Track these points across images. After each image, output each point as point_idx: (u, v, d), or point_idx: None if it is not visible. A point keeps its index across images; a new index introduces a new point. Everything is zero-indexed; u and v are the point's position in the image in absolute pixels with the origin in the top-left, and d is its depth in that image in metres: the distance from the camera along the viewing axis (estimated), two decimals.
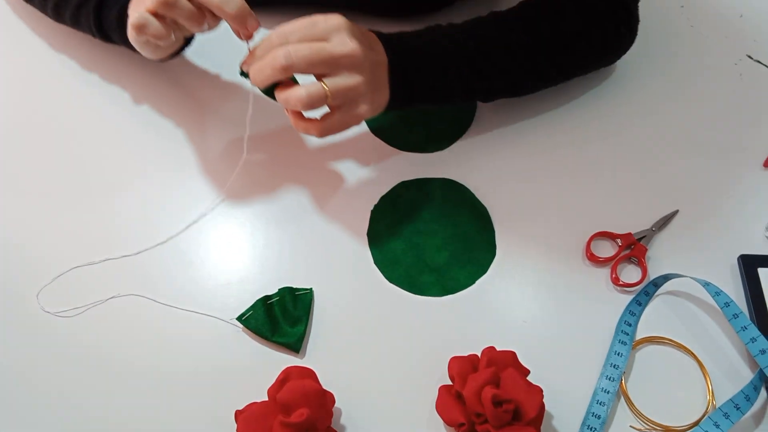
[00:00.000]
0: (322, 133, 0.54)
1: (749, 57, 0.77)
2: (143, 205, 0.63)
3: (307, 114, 0.54)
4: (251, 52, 0.54)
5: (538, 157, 0.68)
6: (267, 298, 0.59)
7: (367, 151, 0.68)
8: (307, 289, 0.59)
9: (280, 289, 0.59)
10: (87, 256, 0.61)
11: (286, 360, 0.55)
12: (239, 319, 0.58)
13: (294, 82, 0.53)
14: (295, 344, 0.57)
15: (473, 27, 0.63)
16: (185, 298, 0.59)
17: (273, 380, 0.52)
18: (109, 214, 0.63)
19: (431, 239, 0.63)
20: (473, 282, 0.61)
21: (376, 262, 0.62)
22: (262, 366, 0.56)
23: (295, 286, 0.60)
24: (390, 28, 0.75)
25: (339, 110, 0.54)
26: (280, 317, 0.58)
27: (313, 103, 0.51)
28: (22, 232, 0.62)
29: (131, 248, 0.61)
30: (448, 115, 0.70)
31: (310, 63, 0.51)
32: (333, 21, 0.53)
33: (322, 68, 0.51)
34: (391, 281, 0.61)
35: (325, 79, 0.52)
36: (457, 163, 0.67)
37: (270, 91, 0.53)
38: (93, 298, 0.59)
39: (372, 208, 0.64)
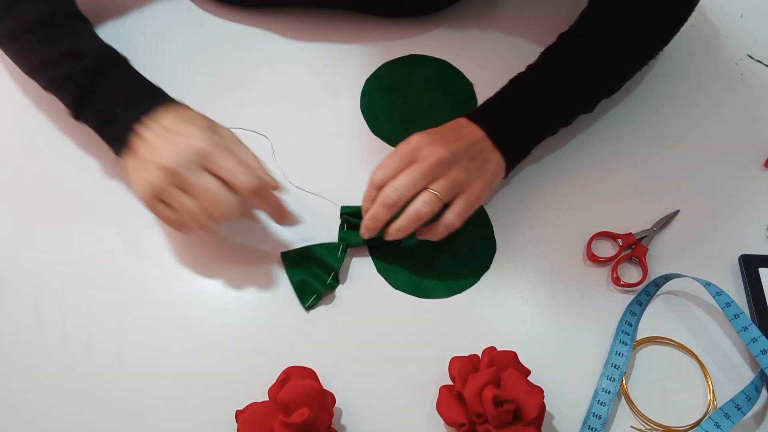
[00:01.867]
0: (456, 222, 0.58)
1: (750, 57, 0.77)
2: None
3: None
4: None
5: (538, 157, 0.68)
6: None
7: (368, 151, 0.68)
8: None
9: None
10: None
11: (286, 360, 0.55)
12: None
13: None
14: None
15: (548, 56, 0.65)
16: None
17: (273, 380, 0.52)
18: None
19: (431, 241, 0.63)
20: (477, 279, 0.61)
21: (379, 270, 0.61)
22: (263, 366, 0.56)
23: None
24: (391, 29, 0.75)
25: (457, 198, 0.58)
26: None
27: (435, 209, 0.56)
28: None
29: None
30: (448, 115, 0.70)
31: (413, 185, 0.56)
32: (413, 141, 0.58)
33: (424, 182, 0.56)
34: (395, 287, 0.61)
35: (430, 186, 0.56)
36: None
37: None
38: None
39: None
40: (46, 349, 0.57)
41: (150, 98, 0.58)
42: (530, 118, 0.62)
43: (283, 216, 0.58)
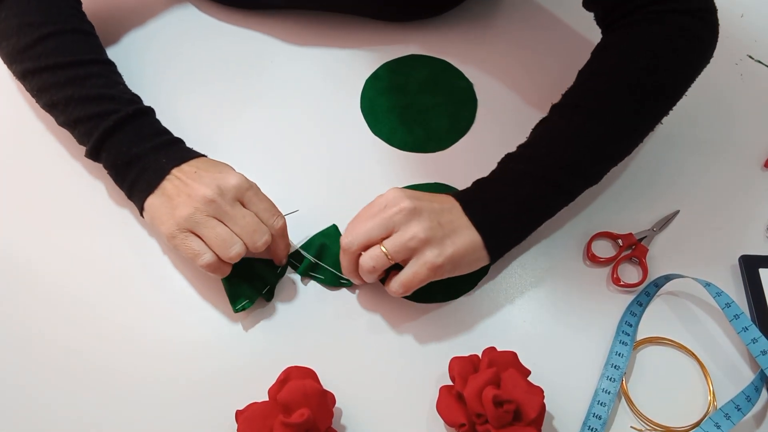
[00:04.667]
0: (399, 292, 0.54)
1: (750, 57, 0.77)
2: None
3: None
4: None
5: None
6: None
7: (368, 151, 0.68)
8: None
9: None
10: None
11: (286, 360, 0.55)
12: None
13: None
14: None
15: (537, 134, 0.60)
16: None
17: (273, 380, 0.52)
18: None
19: None
20: (474, 284, 0.61)
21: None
22: (263, 366, 0.56)
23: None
24: (391, 30, 0.75)
25: (409, 264, 0.54)
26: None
27: (377, 266, 0.54)
28: None
29: None
30: (448, 115, 0.70)
31: (367, 234, 0.54)
32: (385, 194, 0.56)
33: (379, 232, 0.54)
34: None
35: (384, 241, 0.54)
36: (456, 163, 0.67)
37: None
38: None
39: None
40: (46, 350, 0.57)
41: (180, 151, 0.59)
42: (517, 205, 0.57)
43: (280, 257, 0.59)
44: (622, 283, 0.61)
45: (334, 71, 0.73)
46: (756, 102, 0.73)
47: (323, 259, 0.60)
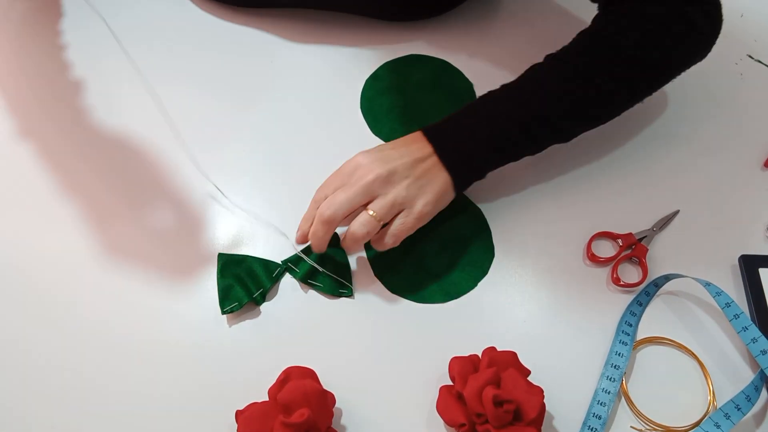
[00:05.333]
0: (390, 242, 0.57)
1: (750, 57, 0.77)
2: None
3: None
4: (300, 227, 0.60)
5: (538, 157, 0.68)
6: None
7: None
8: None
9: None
10: None
11: (286, 360, 0.55)
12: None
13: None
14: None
15: (525, 77, 0.61)
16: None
17: (273, 380, 0.52)
18: None
19: (429, 245, 0.63)
20: (474, 285, 0.61)
21: (377, 275, 0.61)
22: (263, 366, 0.56)
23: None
24: (391, 30, 0.75)
25: (397, 218, 0.57)
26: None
27: (370, 231, 0.56)
28: None
29: None
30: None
31: (347, 202, 0.56)
32: (355, 159, 0.58)
33: (361, 200, 0.56)
34: (394, 292, 0.61)
35: (369, 206, 0.56)
36: None
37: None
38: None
39: None
40: (45, 350, 0.57)
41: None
42: (487, 142, 0.59)
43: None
44: (622, 282, 0.61)
45: (334, 71, 0.73)
46: (756, 102, 0.73)
47: (323, 266, 0.60)
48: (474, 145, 0.59)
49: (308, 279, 0.60)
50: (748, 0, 0.80)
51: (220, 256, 0.60)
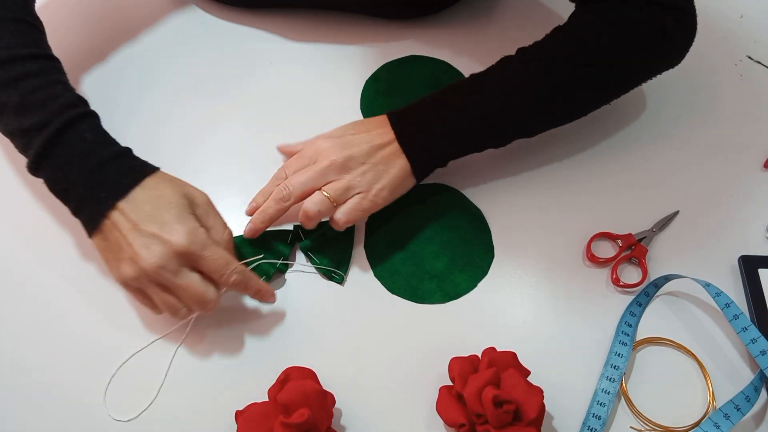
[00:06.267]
0: (341, 219, 0.58)
1: (749, 58, 0.77)
2: None
3: None
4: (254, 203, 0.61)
5: (538, 158, 0.68)
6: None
7: None
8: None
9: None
10: None
11: (286, 360, 0.55)
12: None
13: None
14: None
15: (495, 67, 0.61)
16: None
17: (273, 380, 0.52)
18: None
19: (428, 245, 0.63)
20: (474, 285, 0.61)
21: (376, 275, 0.61)
22: (263, 366, 0.56)
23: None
24: (390, 30, 0.75)
25: (352, 198, 0.58)
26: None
27: (322, 210, 0.57)
28: None
29: None
30: None
31: (304, 184, 0.57)
32: (316, 143, 0.59)
33: (317, 183, 0.57)
34: (393, 292, 0.61)
35: (323, 188, 0.57)
36: (453, 165, 0.67)
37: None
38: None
39: (367, 219, 0.64)
40: (45, 350, 0.57)
41: (120, 175, 0.53)
42: (449, 133, 0.59)
43: (264, 296, 0.57)
44: (621, 283, 0.61)
45: (334, 71, 0.73)
46: (756, 102, 0.73)
47: (324, 247, 0.61)
48: (435, 135, 0.59)
49: (309, 251, 0.61)
50: (747, 1, 0.81)
51: (235, 238, 0.60)
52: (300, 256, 0.62)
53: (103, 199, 0.52)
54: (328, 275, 0.61)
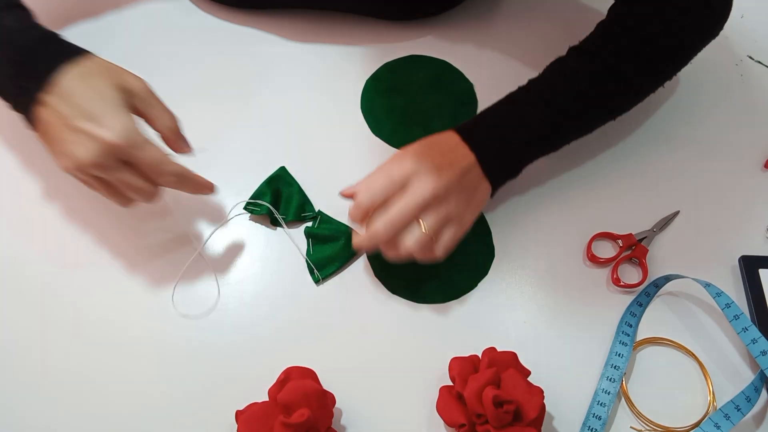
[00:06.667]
0: (442, 256, 0.56)
1: (750, 58, 0.77)
2: None
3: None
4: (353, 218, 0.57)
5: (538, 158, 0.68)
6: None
7: (368, 151, 0.68)
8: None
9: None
10: None
11: (286, 360, 0.55)
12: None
13: None
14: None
15: (552, 72, 0.61)
16: None
17: (273, 380, 0.52)
18: None
19: None
20: (474, 285, 0.61)
21: (376, 275, 0.61)
22: (263, 366, 0.56)
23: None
24: (391, 30, 0.75)
25: (445, 230, 0.56)
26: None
27: (422, 248, 0.54)
28: None
29: None
30: (448, 115, 0.70)
31: (405, 220, 0.53)
32: (406, 165, 0.54)
33: (416, 215, 0.54)
34: (393, 292, 0.61)
35: (422, 222, 0.54)
36: None
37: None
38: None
39: None
40: (44, 350, 0.57)
41: (42, 62, 0.50)
42: (525, 148, 0.59)
43: (202, 188, 0.56)
44: (622, 283, 0.61)
45: (335, 71, 0.73)
46: (756, 102, 0.73)
47: (325, 245, 0.61)
48: (513, 155, 0.59)
49: (310, 238, 0.61)
50: (748, 1, 0.80)
51: (281, 168, 0.63)
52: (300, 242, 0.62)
53: (29, 90, 0.49)
54: (310, 269, 0.61)
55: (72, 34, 0.72)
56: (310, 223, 0.62)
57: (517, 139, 0.59)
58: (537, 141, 0.60)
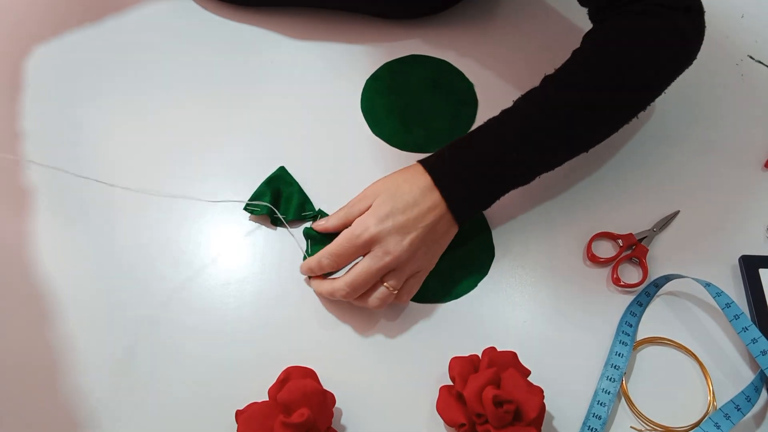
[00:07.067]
0: (406, 300, 0.59)
1: (750, 57, 0.77)
2: None
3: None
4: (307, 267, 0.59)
5: None
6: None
7: (368, 151, 0.68)
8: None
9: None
10: None
11: (286, 360, 0.55)
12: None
13: None
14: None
15: (527, 102, 0.59)
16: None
17: (273, 380, 0.52)
18: None
19: None
20: (474, 285, 0.61)
21: None
22: (263, 366, 0.56)
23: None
24: (391, 29, 0.75)
25: (410, 280, 0.58)
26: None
27: (384, 302, 0.57)
28: None
29: None
30: (448, 115, 0.70)
31: (365, 286, 0.56)
32: (370, 230, 0.55)
33: (376, 279, 0.56)
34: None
35: (385, 283, 0.56)
36: None
37: None
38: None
39: None
40: (44, 350, 0.57)
41: None
42: (495, 187, 0.58)
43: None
44: (622, 283, 0.61)
45: (335, 70, 0.73)
46: (756, 102, 0.73)
47: (324, 243, 0.60)
48: (485, 193, 0.58)
49: (309, 238, 0.62)
50: (748, 1, 0.80)
51: (280, 168, 0.64)
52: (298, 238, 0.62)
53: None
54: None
55: (73, 34, 0.72)
56: (309, 223, 0.62)
57: (491, 179, 0.58)
58: (511, 178, 0.58)
